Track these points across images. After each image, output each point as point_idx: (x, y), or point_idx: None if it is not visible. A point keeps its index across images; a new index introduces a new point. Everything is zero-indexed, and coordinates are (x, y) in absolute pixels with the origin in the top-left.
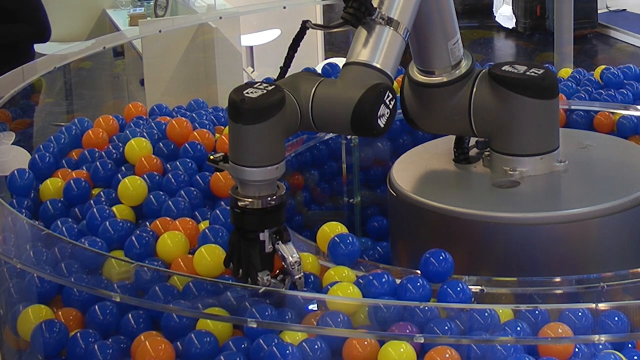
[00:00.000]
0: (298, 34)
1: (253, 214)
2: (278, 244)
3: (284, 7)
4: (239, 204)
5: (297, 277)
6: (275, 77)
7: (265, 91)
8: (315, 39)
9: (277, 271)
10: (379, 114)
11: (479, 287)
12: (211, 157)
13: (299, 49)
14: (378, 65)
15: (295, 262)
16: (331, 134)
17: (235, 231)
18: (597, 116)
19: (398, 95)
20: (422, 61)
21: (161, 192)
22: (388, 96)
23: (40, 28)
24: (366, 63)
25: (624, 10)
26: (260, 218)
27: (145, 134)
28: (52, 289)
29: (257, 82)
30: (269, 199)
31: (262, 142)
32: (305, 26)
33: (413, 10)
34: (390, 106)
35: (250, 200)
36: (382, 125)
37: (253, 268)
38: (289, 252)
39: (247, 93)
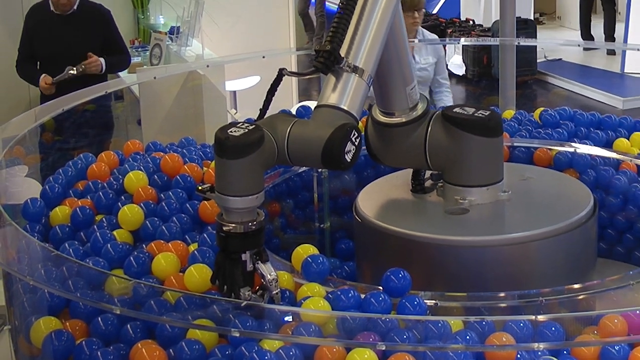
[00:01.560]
0: (275, 80)
1: (236, 238)
2: (258, 263)
3: (263, 57)
4: (224, 228)
5: (274, 292)
6: (256, 118)
7: (246, 130)
8: (290, 85)
9: (257, 287)
10: (346, 150)
11: (433, 301)
12: (199, 187)
13: (276, 93)
14: (345, 108)
15: (273, 279)
16: (304, 167)
17: (220, 252)
18: (537, 152)
19: (362, 133)
20: (383, 104)
21: (156, 218)
22: (354, 135)
23: (129, 57)
24: (335, 105)
25: (560, 59)
26: (242, 241)
27: (142, 167)
28: (61, 303)
29: (239, 122)
30: (250, 224)
31: (244, 174)
32: (281, 73)
33: (376, 59)
34: (356, 143)
35: (233, 225)
36: (348, 160)
37: (236, 284)
38: (267, 271)
39: (231, 132)
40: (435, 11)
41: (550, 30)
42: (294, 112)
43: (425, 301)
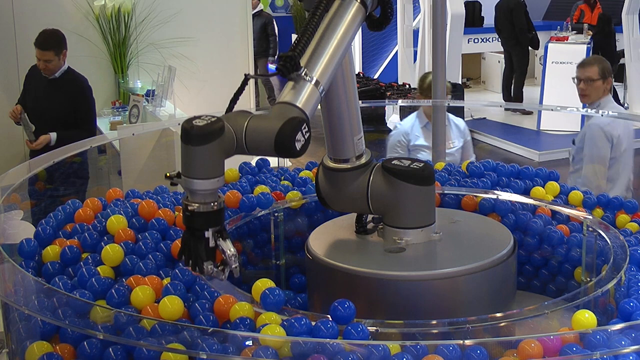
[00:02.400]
0: (241, 84)
1: (200, 216)
2: (219, 240)
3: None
4: (189, 208)
5: (233, 266)
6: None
7: (209, 121)
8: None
9: (219, 262)
10: (296, 138)
11: (375, 328)
12: (168, 174)
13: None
14: (299, 105)
15: (233, 254)
16: (261, 212)
17: (186, 231)
18: (464, 198)
19: (309, 133)
20: (333, 151)
21: (134, 256)
22: (304, 128)
23: (89, 131)
24: (289, 102)
25: (484, 118)
26: (205, 219)
27: (122, 212)
28: (52, 329)
29: (203, 115)
30: (212, 204)
31: (206, 160)
32: (246, 77)
33: (330, 75)
34: (305, 135)
35: (197, 205)
36: (298, 149)
37: (200, 259)
38: (227, 247)
39: (195, 122)
40: (376, 76)
41: (476, 93)
42: (253, 164)
43: (367, 328)
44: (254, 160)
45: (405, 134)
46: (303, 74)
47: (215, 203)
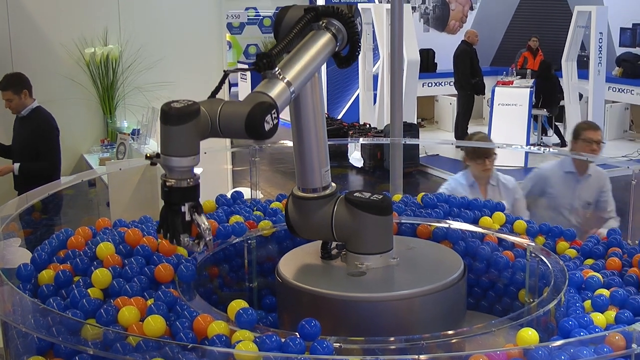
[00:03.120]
0: (221, 81)
1: (177, 191)
2: (194, 214)
3: (205, 152)
4: (167, 184)
5: (208, 239)
6: None
7: (186, 104)
8: (226, 175)
9: (195, 236)
10: (265, 120)
11: (338, 344)
12: (148, 154)
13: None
14: (270, 94)
15: (207, 228)
16: (236, 239)
17: (164, 206)
18: (419, 227)
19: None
20: (302, 181)
21: (121, 279)
22: (273, 112)
23: (49, 166)
24: (261, 92)
25: (437, 154)
26: (181, 194)
27: (110, 239)
28: (47, 345)
29: (180, 100)
30: (188, 180)
31: (183, 139)
32: (226, 73)
33: (300, 83)
34: (274, 121)
35: (174, 181)
36: (266, 130)
37: (177, 232)
38: (202, 221)
39: (173, 105)
40: (339, 117)
41: (430, 132)
42: (228, 196)
43: (332, 344)
44: (229, 192)
45: (453, 190)
46: (277, 73)
47: (191, 180)
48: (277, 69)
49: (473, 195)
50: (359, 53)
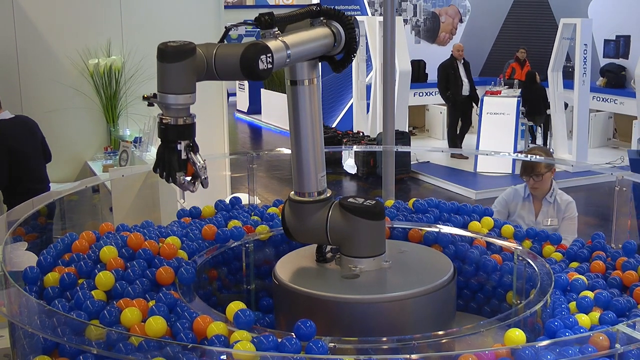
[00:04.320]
0: (223, 35)
1: (173, 129)
2: (190, 154)
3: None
4: (164, 121)
5: (203, 177)
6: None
7: (182, 43)
8: (224, 181)
9: (190, 174)
10: (260, 59)
11: (333, 344)
12: (145, 95)
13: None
14: (266, 43)
15: (203, 166)
16: (234, 243)
17: (161, 145)
18: (410, 232)
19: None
20: (299, 186)
21: (124, 282)
22: (268, 53)
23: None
24: (257, 41)
25: (428, 162)
26: (177, 132)
27: (113, 243)
28: (52, 345)
29: (177, 40)
30: (184, 118)
31: (179, 76)
32: (227, 28)
33: (297, 51)
34: (268, 61)
35: (170, 118)
36: (261, 69)
37: (173, 170)
38: (198, 159)
39: (169, 43)
40: (334, 125)
41: (421, 140)
42: (227, 202)
43: (326, 344)
44: (227, 198)
45: (508, 199)
46: (275, 32)
47: (188, 118)
48: (274, 29)
49: (526, 208)
50: (355, 57)
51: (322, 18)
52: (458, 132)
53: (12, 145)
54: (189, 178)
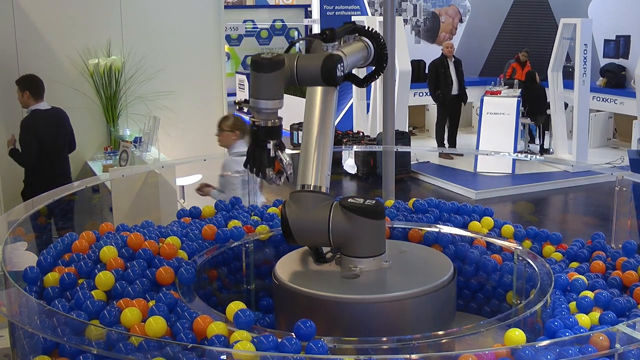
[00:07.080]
0: (289, 46)
1: (263, 130)
2: (278, 152)
3: (204, 160)
4: (256, 124)
5: (289, 172)
6: None
7: (273, 55)
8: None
9: (277, 170)
10: (337, 68)
11: (333, 344)
12: (237, 101)
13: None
14: (338, 53)
15: (289, 163)
16: (234, 243)
17: (252, 144)
18: (410, 232)
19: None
20: (303, 177)
21: (124, 282)
22: (342, 63)
23: (26, 164)
24: (332, 53)
25: (428, 162)
26: (268, 132)
27: (113, 243)
28: (52, 345)
29: (267, 51)
30: (274, 121)
31: (272, 84)
32: (293, 42)
33: (351, 62)
34: (343, 69)
35: (262, 121)
36: (339, 76)
37: (263, 165)
38: (284, 157)
39: (263, 56)
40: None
41: (421, 140)
42: (227, 202)
43: (326, 344)
44: (227, 199)
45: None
46: (338, 44)
47: (277, 120)
48: (336, 42)
49: None
50: (382, 73)
51: (357, 34)
52: (446, 131)
53: (41, 135)
54: (276, 173)
